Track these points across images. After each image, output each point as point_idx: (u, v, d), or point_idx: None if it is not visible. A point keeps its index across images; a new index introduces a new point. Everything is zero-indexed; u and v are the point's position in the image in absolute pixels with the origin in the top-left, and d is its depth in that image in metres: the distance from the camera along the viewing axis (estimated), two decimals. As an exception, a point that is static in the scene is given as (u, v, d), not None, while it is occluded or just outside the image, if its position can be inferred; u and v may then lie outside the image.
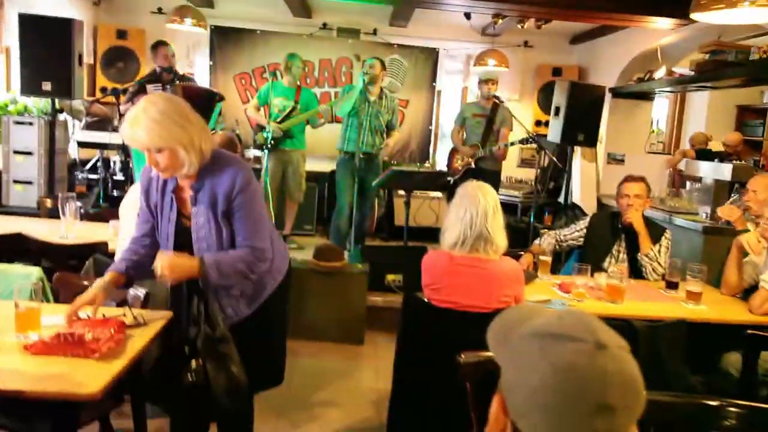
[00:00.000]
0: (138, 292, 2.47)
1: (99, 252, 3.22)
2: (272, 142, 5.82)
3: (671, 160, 7.29)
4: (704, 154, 6.69)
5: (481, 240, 2.58)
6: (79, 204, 4.10)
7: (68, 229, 3.49)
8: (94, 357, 1.87)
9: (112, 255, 3.19)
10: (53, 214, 4.07)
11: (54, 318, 2.11)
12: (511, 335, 0.93)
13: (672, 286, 3.30)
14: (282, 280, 2.51)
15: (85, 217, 4.20)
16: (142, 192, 2.42)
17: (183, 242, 2.33)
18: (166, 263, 2.12)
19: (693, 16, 2.93)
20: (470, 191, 2.64)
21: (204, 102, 5.34)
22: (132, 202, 3.13)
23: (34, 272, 2.54)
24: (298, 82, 6.07)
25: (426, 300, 2.65)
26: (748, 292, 3.18)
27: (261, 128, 5.95)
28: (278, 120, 5.87)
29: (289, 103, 5.94)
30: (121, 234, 3.22)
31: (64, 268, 3.18)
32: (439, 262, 2.65)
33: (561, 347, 0.86)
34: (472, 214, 2.58)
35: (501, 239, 2.63)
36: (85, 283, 2.52)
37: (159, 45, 5.54)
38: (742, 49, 4.79)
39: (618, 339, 0.88)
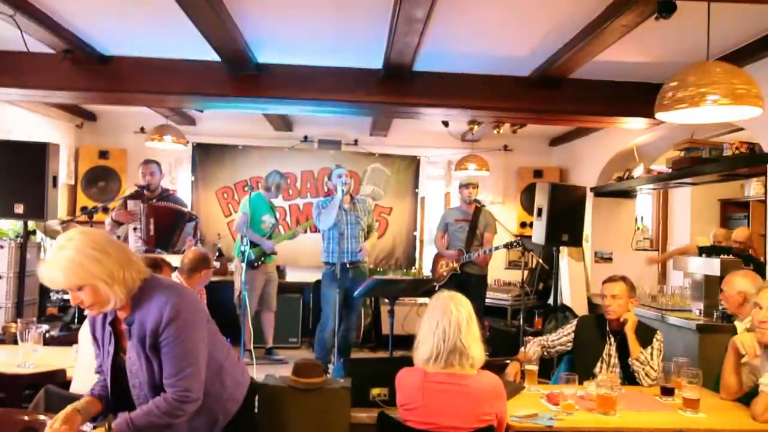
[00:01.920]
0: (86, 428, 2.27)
1: (55, 380, 3.03)
2: (263, 258, 5.94)
3: (653, 259, 7.03)
4: (715, 251, 6.38)
5: (456, 353, 2.42)
6: (45, 328, 3.93)
7: (26, 357, 3.29)
8: None
9: (68, 383, 3.01)
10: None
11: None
12: None
13: (667, 392, 3.11)
14: (238, 409, 2.33)
15: (52, 341, 4.02)
16: (89, 323, 2.30)
17: (120, 378, 2.20)
18: None
19: (657, 116, 2.93)
20: (442, 302, 2.51)
21: (171, 221, 5.36)
22: (91, 326, 2.98)
23: (-27, 410, 2.35)
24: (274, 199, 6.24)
25: (401, 421, 2.46)
26: (749, 396, 2.98)
27: (254, 244, 5.94)
28: (266, 237, 6.01)
29: (272, 219, 6.09)
30: (78, 359, 3.05)
31: (18, 400, 2.99)
32: (412, 380, 2.47)
33: None
34: (445, 326, 2.44)
35: (477, 352, 2.47)
36: (30, 418, 2.32)
37: (142, 163, 5.62)
38: (716, 146, 4.84)
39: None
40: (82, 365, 2.96)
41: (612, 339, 3.52)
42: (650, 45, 4.07)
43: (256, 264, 5.90)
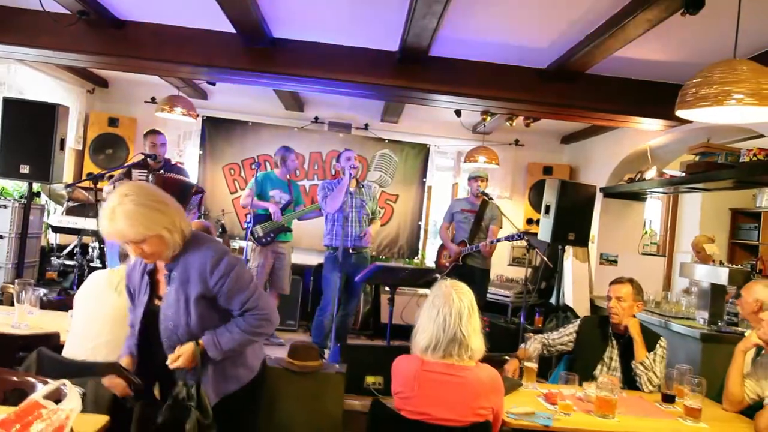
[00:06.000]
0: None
1: (49, 343, 2.99)
2: (272, 234, 5.81)
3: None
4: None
5: (455, 344, 2.36)
6: (42, 291, 3.89)
7: (21, 318, 3.27)
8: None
9: (62, 347, 2.97)
10: (17, 301, 3.86)
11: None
12: None
13: (668, 399, 3.05)
14: (252, 379, 2.36)
15: (49, 305, 3.99)
16: (127, 275, 2.43)
17: (149, 324, 2.29)
18: (188, 355, 2.17)
19: (678, 113, 2.84)
20: (444, 290, 2.45)
21: (178, 193, 5.28)
22: (86, 293, 2.94)
23: (-37, 368, 2.30)
24: (289, 176, 6.09)
25: (394, 410, 2.40)
26: (753, 409, 2.92)
27: (260, 220, 5.85)
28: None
29: (285, 195, 5.96)
30: (72, 324, 3.01)
31: (10, 360, 2.95)
32: (409, 368, 2.41)
33: None
34: (446, 315, 2.38)
35: (477, 343, 2.42)
36: (20, 379, 2.29)
37: (148, 133, 5.53)
38: (732, 152, 4.74)
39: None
40: (75, 331, 2.91)
41: (614, 342, 3.46)
42: (673, 43, 3.97)
43: (264, 240, 5.83)
